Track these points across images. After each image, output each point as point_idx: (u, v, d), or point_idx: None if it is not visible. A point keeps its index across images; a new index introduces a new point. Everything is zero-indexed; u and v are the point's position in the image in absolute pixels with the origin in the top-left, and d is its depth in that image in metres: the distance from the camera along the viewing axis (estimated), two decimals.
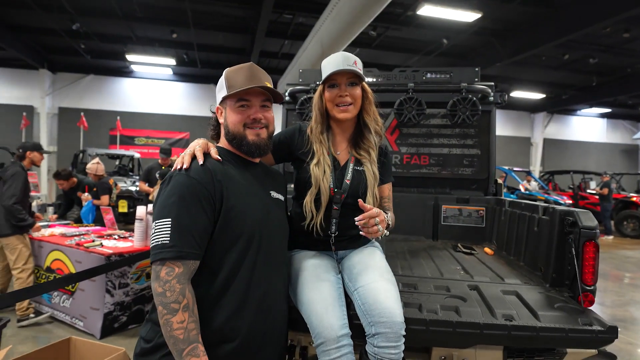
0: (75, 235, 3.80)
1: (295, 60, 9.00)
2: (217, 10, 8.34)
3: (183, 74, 13.14)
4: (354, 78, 1.46)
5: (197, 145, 1.27)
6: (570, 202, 10.99)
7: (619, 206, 10.93)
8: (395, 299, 1.28)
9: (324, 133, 1.53)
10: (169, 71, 12.78)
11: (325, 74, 1.47)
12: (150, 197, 5.37)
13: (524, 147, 16.28)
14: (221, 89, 1.31)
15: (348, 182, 1.49)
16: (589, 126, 17.69)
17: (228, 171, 1.24)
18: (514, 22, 8.61)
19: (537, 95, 14.14)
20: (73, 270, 3.49)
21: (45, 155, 4.03)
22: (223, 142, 1.36)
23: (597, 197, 10.92)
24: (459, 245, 2.38)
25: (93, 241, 3.55)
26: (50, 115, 12.29)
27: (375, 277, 1.34)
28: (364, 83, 1.50)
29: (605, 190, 10.48)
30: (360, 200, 1.32)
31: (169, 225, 1.08)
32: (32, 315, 3.54)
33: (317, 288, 1.31)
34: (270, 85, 1.31)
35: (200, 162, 1.20)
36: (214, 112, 1.41)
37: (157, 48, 10.43)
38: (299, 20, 8.65)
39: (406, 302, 1.40)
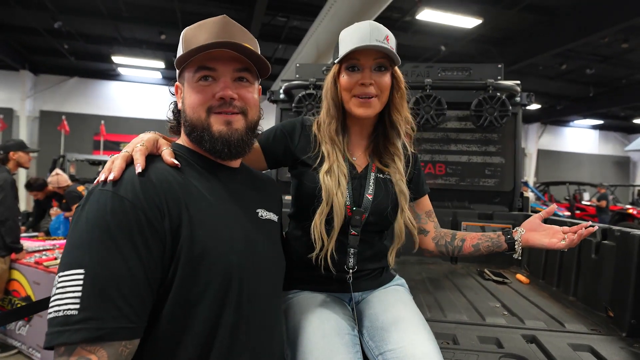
0: (37, 252, 3.33)
1: (289, 64, 8.66)
2: (208, 11, 7.97)
3: (173, 78, 12.53)
4: (383, 59, 1.04)
5: (138, 143, 0.81)
6: (567, 213, 10.79)
7: (616, 218, 10.73)
8: None
9: (338, 131, 1.11)
10: (158, 75, 12.33)
11: (344, 49, 1.03)
12: None
13: None
14: (177, 54, 0.88)
15: (370, 197, 1.08)
16: (581, 137, 17.69)
17: (189, 184, 0.79)
18: (513, 30, 8.43)
19: (533, 106, 14.02)
20: (30, 293, 3.02)
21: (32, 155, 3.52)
22: (184, 138, 0.91)
23: (594, 208, 10.74)
24: (486, 271, 2.00)
25: (55, 259, 3.09)
26: (31, 119, 11.71)
27: (409, 336, 0.94)
28: (396, 68, 1.09)
29: (604, 203, 10.31)
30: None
31: (80, 282, 0.63)
32: None
33: (326, 354, 0.90)
34: (251, 47, 0.83)
35: (138, 169, 0.74)
36: (173, 94, 0.96)
37: (145, 50, 10.00)
38: (294, 23, 8.35)
39: None
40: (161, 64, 10.89)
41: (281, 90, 2.44)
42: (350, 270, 1.08)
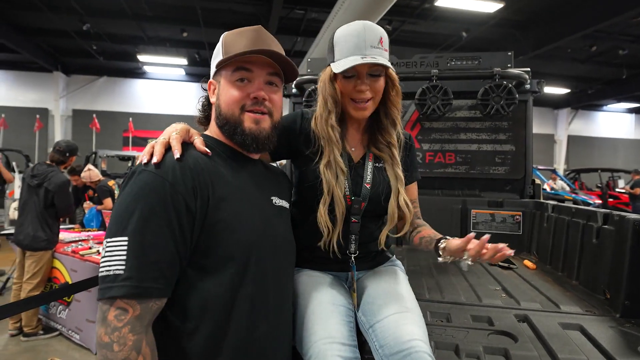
0: (73, 242, 3.59)
1: (307, 57, 8.73)
2: (227, 8, 8.13)
3: (195, 74, 13.01)
4: (377, 66, 1.11)
5: (173, 132, 0.92)
6: (599, 201, 10.39)
7: None
8: (422, 335, 0.96)
9: (334, 127, 1.16)
10: (182, 71, 12.69)
11: (340, 55, 1.10)
12: None
13: (547, 144, 15.60)
14: (217, 56, 0.99)
15: (368, 185, 1.17)
16: (616, 122, 16.88)
17: (217, 170, 0.92)
18: (537, 12, 8.13)
19: (562, 90, 13.51)
20: (69, 279, 3.28)
21: None
22: (213, 130, 1.02)
23: (627, 196, 10.28)
24: None
25: (90, 248, 3.33)
26: (65, 118, 12.36)
27: (395, 309, 1.03)
28: (389, 70, 1.13)
29: (637, 190, 9.85)
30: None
31: (125, 247, 0.76)
32: (40, 332, 3.35)
33: (322, 318, 1.01)
34: (282, 52, 0.97)
35: (177, 155, 0.86)
36: (205, 89, 1.06)
37: (169, 48, 10.32)
38: (311, 15, 8.38)
39: (437, 341, 1.08)
40: (184, 61, 11.19)
41: (293, 84, 2.52)
42: (352, 255, 1.17)
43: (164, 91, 13.24)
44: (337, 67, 1.10)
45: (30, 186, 3.32)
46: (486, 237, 0.94)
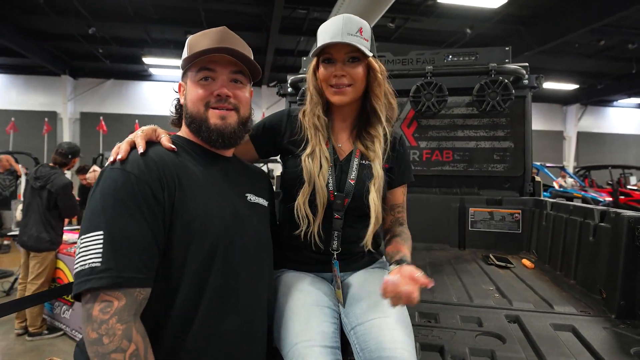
0: (76, 243, 3.63)
1: (309, 56, 8.72)
2: (229, 9, 8.15)
3: None
4: (355, 52, 1.12)
5: (139, 131, 0.95)
6: (610, 199, 10.19)
7: None
8: (406, 342, 0.94)
9: (320, 117, 1.18)
10: None
11: (319, 43, 1.13)
12: None
13: (555, 141, 15.35)
14: (183, 57, 1.02)
15: (352, 182, 1.15)
16: (627, 117, 16.54)
17: (184, 165, 0.93)
18: (542, 7, 8.00)
19: (570, 86, 13.27)
20: (72, 280, 3.31)
21: None
22: (184, 129, 1.05)
23: (639, 193, 10.07)
24: (491, 256, 2.00)
25: None
26: (73, 121, 12.50)
27: (379, 311, 1.01)
28: (370, 59, 1.14)
29: None
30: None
31: (100, 241, 0.76)
32: (45, 332, 3.40)
33: (304, 319, 0.99)
34: (247, 53, 0.98)
35: (140, 150, 0.88)
36: (176, 91, 1.10)
37: (173, 50, 10.37)
38: (314, 15, 8.36)
39: (423, 342, 1.06)
40: None
41: (288, 84, 2.51)
42: (335, 252, 1.15)
43: (169, 93, 13.21)
44: (313, 52, 1.14)
45: (34, 188, 3.36)
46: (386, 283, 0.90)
